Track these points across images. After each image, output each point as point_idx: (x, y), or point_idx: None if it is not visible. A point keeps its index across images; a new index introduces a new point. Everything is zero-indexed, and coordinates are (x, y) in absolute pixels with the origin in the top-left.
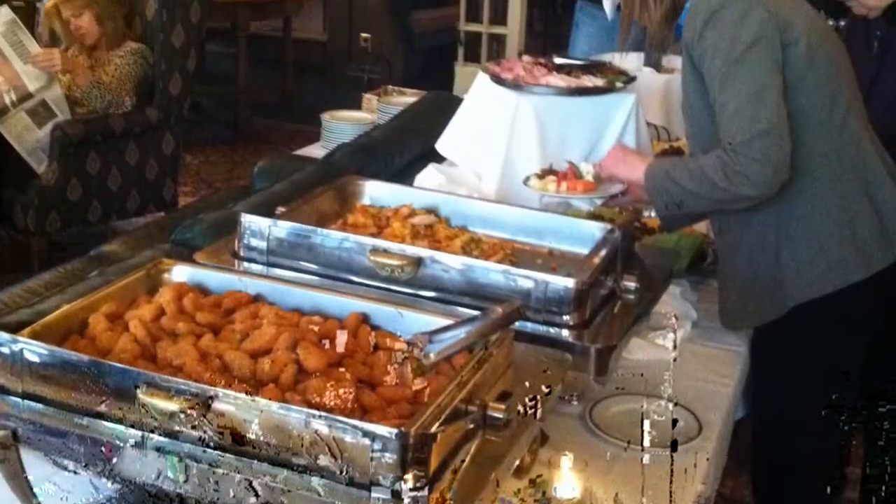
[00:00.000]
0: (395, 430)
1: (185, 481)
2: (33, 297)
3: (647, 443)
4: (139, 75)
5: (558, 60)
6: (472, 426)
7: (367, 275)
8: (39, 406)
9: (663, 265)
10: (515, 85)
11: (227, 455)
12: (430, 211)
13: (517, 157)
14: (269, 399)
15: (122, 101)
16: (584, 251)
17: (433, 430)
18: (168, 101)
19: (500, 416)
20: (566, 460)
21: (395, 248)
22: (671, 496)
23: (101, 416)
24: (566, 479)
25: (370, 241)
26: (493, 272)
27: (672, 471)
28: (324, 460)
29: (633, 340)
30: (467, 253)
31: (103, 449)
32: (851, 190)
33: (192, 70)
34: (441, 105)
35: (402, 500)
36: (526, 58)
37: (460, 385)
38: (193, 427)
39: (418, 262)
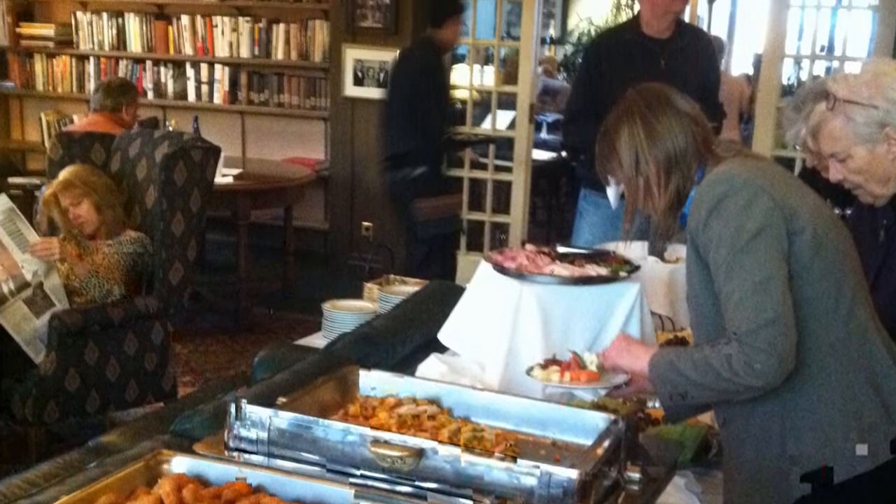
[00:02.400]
0: None
1: None
2: (31, 488)
3: None
4: (128, 264)
5: (561, 249)
6: None
7: (368, 466)
8: None
9: (667, 456)
10: (518, 274)
11: None
12: (433, 401)
13: (520, 347)
14: None
15: (111, 290)
16: (588, 442)
17: None
18: (168, 291)
19: None
20: None
21: (396, 438)
22: None
23: None
24: None
25: (371, 433)
26: (494, 465)
27: None
28: None
29: None
30: (454, 441)
31: None
32: (857, 381)
33: (193, 259)
34: (443, 294)
35: None
36: (529, 247)
37: None
38: None
39: (420, 453)
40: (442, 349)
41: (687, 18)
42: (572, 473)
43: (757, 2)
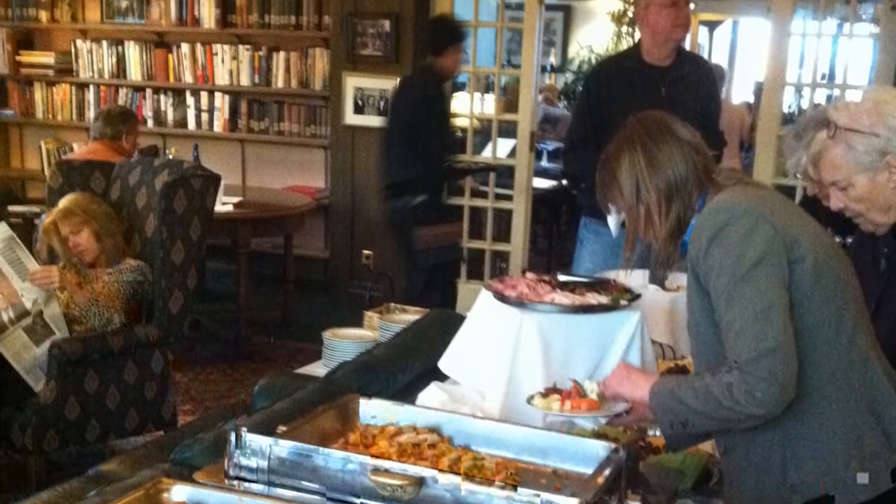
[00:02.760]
0: None
1: None
2: None
3: None
4: (128, 293)
5: (562, 278)
6: None
7: (369, 494)
8: None
9: (668, 485)
10: (519, 302)
11: None
12: (433, 430)
13: (521, 376)
14: None
15: (111, 319)
16: (589, 471)
17: None
18: (168, 319)
19: None
20: None
21: (396, 467)
22: None
23: None
24: None
25: (371, 461)
26: (494, 494)
27: None
28: None
29: None
30: (455, 470)
31: None
32: (858, 409)
33: (193, 287)
34: (443, 323)
35: None
36: (529, 275)
37: None
38: None
39: (420, 481)
40: (442, 377)
41: (687, 46)
42: (573, 502)
43: (758, 30)
